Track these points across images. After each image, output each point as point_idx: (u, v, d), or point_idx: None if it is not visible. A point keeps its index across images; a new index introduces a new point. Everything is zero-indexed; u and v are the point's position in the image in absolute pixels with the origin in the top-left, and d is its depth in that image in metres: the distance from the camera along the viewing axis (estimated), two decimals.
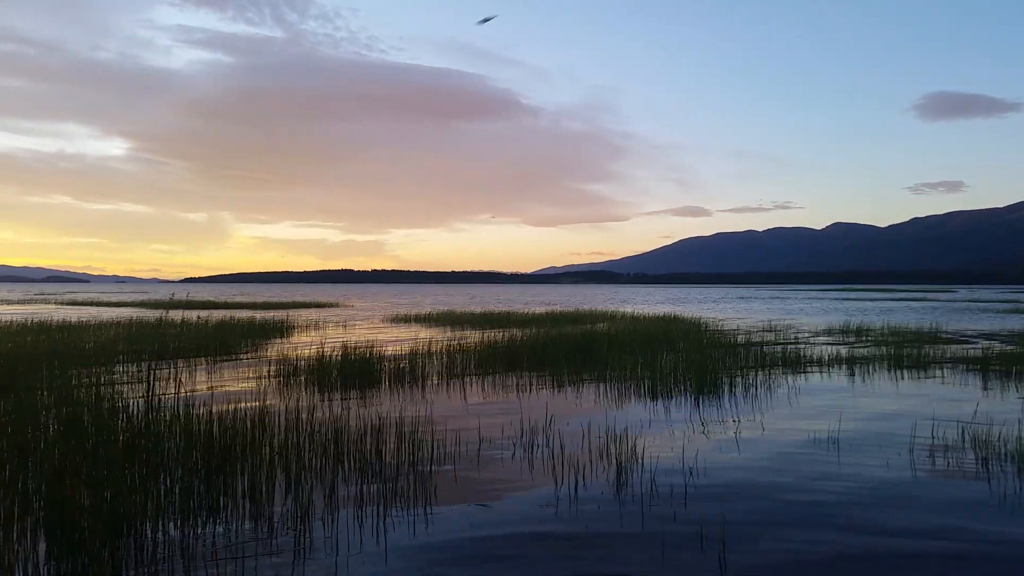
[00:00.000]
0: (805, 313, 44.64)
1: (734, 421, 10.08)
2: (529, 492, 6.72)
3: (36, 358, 14.26)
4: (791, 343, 21.24)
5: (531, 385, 13.48)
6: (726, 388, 12.79)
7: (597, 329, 22.74)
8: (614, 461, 7.62)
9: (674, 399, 11.93)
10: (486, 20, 26.36)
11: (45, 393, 10.42)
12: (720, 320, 33.94)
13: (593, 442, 8.48)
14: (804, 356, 17.45)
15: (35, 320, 26.59)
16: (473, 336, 21.79)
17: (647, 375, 13.49)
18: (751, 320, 35.78)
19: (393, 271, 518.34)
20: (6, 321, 26.13)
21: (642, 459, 7.68)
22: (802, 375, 14.90)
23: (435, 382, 13.88)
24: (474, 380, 14.10)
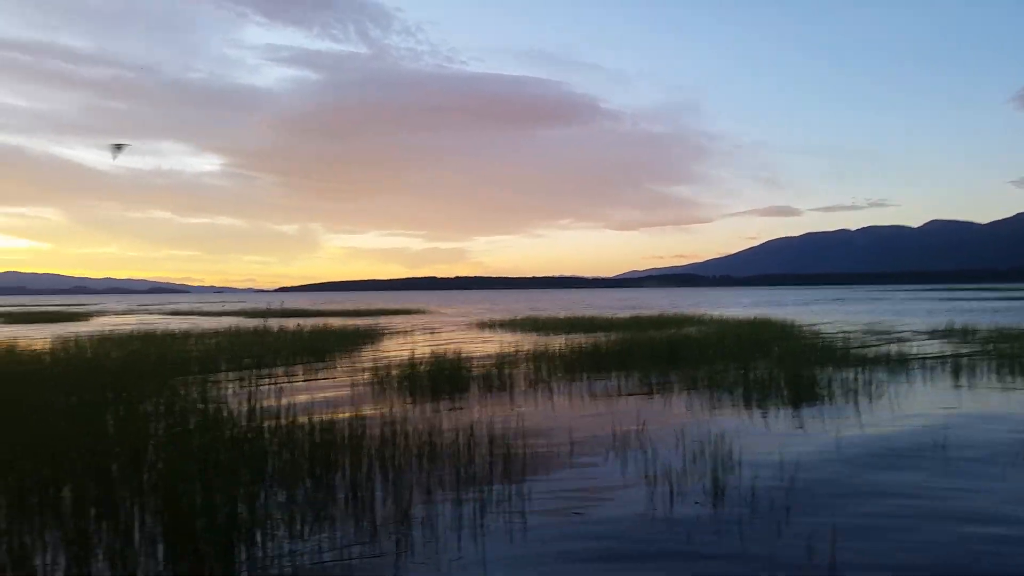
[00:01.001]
0: (904, 314, 42.71)
1: (834, 427, 9.73)
2: (622, 500, 6.66)
3: (144, 367, 15.04)
4: (891, 345, 20.35)
5: (619, 391, 13.37)
6: (824, 393, 12.36)
7: (684, 333, 22.37)
8: (709, 469, 7.47)
9: (769, 404, 11.61)
10: (118, 147, 25.23)
11: (154, 401, 10.97)
12: (814, 322, 32.84)
13: (686, 449, 8.34)
14: (906, 358, 16.70)
15: (141, 330, 28.05)
16: (558, 341, 21.78)
17: (739, 380, 13.19)
18: (847, 322, 34.49)
19: (476, 277, 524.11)
20: (115, 332, 27.69)
21: (739, 467, 7.50)
22: (904, 378, 14.27)
23: (523, 388, 13.93)
24: (561, 386, 14.09)
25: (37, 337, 27.03)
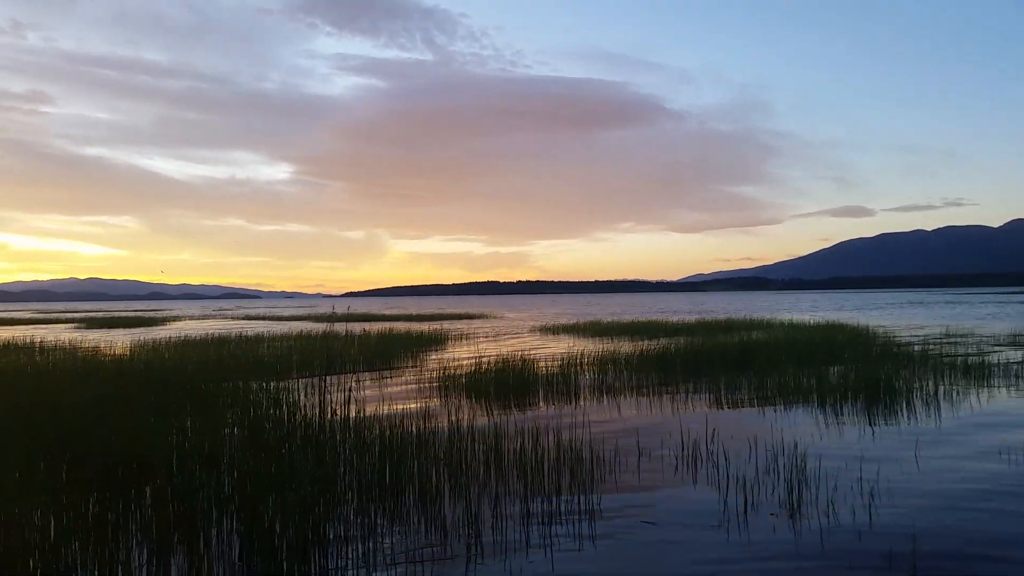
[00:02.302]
0: (985, 318, 40.89)
1: (913, 435, 9.37)
2: (694, 510, 6.54)
3: (220, 369, 15.51)
4: (972, 351, 19.49)
5: (687, 397, 13.16)
6: (902, 400, 11.92)
7: (754, 338, 21.89)
8: (783, 478, 7.28)
9: (844, 412, 11.25)
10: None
11: (230, 402, 11.28)
12: (889, 327, 31.73)
13: (759, 457, 8.15)
14: (988, 365, 15.97)
15: (215, 335, 28.96)
16: (623, 346, 21.59)
17: (813, 386, 12.82)
18: (924, 326, 33.22)
19: (537, 281, 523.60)
20: (192, 335, 28.65)
21: (815, 476, 7.28)
22: (986, 386, 13.65)
23: (588, 393, 13.84)
24: (627, 391, 13.95)
25: (118, 341, 28.20)
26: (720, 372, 15.17)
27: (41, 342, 24.32)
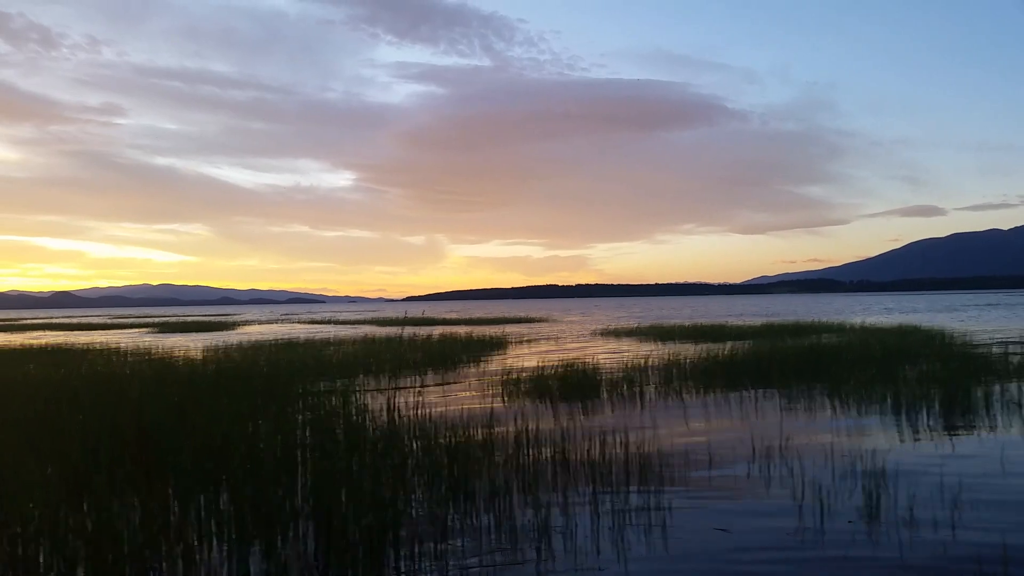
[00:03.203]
0: None
1: (996, 443, 8.98)
2: (769, 517, 6.39)
3: (290, 372, 15.88)
4: None
5: (757, 401, 12.90)
6: (983, 406, 11.44)
7: (824, 342, 21.32)
8: (860, 484, 7.06)
9: (922, 418, 10.86)
10: None
11: (300, 405, 11.53)
12: (966, 330, 30.50)
13: (835, 464, 7.92)
14: None
15: (283, 338, 29.68)
16: (687, 350, 21.31)
17: (888, 391, 12.42)
18: (1004, 329, 31.84)
19: (596, 285, 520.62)
20: (261, 339, 29.42)
21: (894, 484, 7.04)
22: None
23: (654, 397, 13.70)
24: (694, 395, 13.75)
25: (192, 345, 29.14)
26: (790, 377, 14.83)
27: (118, 346, 25.32)
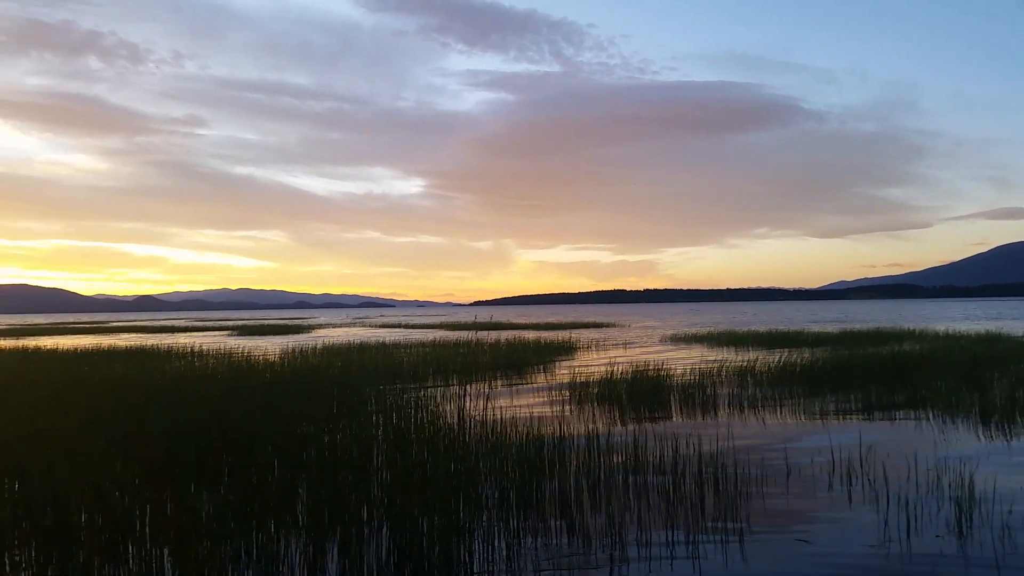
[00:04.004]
0: None
1: None
2: (851, 529, 6.18)
3: (362, 375, 16.19)
4: None
5: (836, 411, 12.49)
6: None
7: (906, 349, 20.52)
8: (948, 498, 6.77)
9: (1013, 429, 10.33)
10: None
11: (374, 407, 11.73)
12: None
13: (920, 476, 7.60)
14: None
15: (356, 342, 30.26)
16: (761, 357, 20.82)
17: (975, 401, 11.86)
18: None
19: (665, 290, 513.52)
20: (336, 343, 30.08)
21: (985, 497, 6.71)
22: None
23: (728, 404, 13.41)
24: (770, 404, 13.40)
25: (269, 348, 30.01)
26: (871, 385, 14.30)
27: (200, 348, 26.26)
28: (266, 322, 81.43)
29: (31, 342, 36.68)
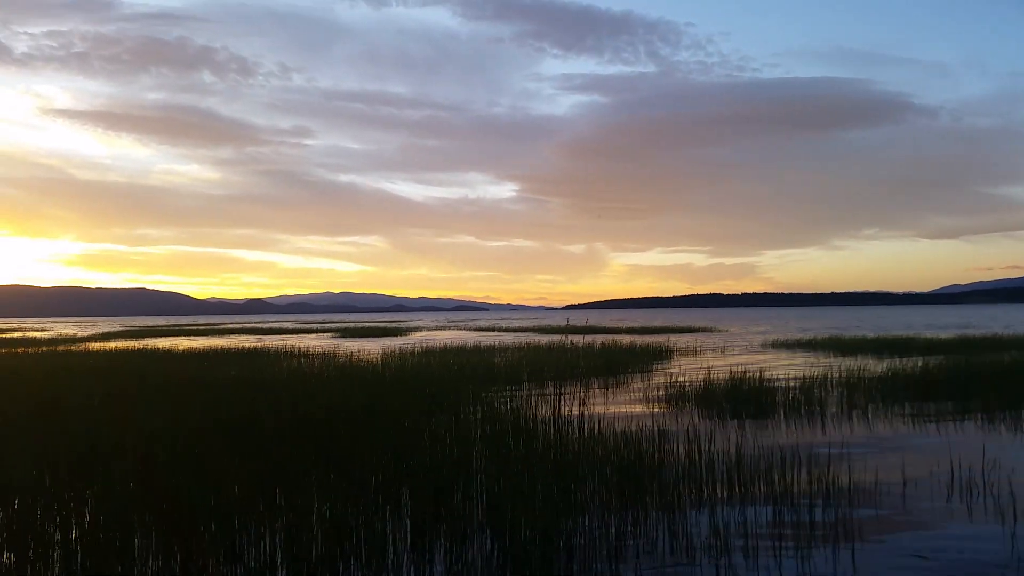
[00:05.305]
0: None
1: None
2: (975, 546, 5.84)
3: (460, 376, 16.43)
4: None
5: (954, 421, 11.82)
6: None
7: None
8: None
9: None
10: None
11: (473, 409, 11.88)
12: None
13: None
14: None
15: (452, 344, 30.75)
16: (870, 364, 19.92)
17: None
18: None
19: (764, 294, 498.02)
20: (432, 345, 30.66)
21: None
22: None
23: (836, 413, 12.90)
24: (881, 412, 12.81)
25: (371, 349, 30.87)
26: (991, 395, 13.46)
27: (307, 350, 27.28)
28: (366, 324, 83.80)
29: (150, 343, 39.02)
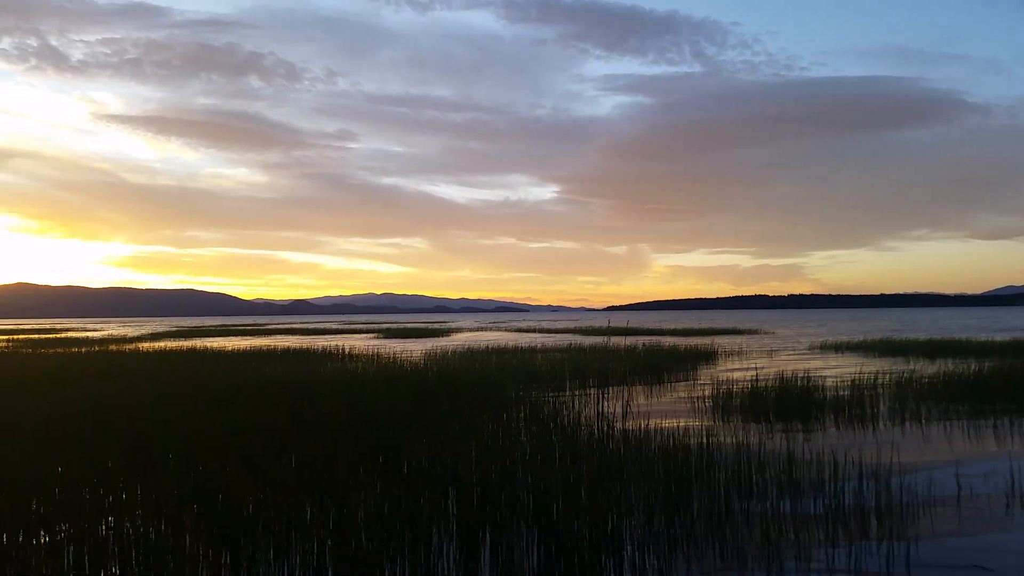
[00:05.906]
0: None
1: None
2: None
3: (503, 377, 16.43)
4: None
5: (1011, 427, 11.45)
6: None
7: None
8: None
9: None
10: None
11: (515, 411, 11.87)
12: None
13: None
14: None
15: (494, 345, 30.80)
16: (922, 367, 19.41)
17: None
18: None
19: (811, 295, 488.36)
20: (475, 346, 30.75)
21: None
22: None
23: (888, 418, 12.59)
24: (935, 418, 12.47)
25: (413, 350, 31.09)
26: None
27: (351, 350, 27.59)
28: (408, 325, 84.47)
29: (199, 342, 39.86)
